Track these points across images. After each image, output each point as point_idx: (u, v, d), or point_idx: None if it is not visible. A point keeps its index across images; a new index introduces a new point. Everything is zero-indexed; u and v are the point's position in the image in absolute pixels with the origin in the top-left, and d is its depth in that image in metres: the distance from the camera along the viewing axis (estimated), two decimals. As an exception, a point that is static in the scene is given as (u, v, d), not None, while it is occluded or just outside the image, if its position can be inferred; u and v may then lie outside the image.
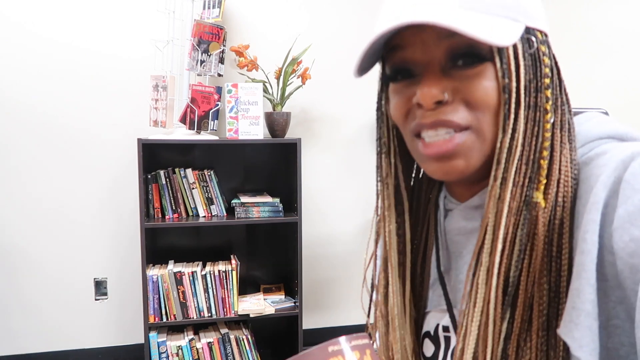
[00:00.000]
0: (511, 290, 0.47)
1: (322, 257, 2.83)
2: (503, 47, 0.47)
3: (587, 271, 0.43)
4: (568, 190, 0.48)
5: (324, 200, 2.79)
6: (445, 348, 0.58)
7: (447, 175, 0.51)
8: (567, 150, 0.49)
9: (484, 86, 0.48)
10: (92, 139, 2.51)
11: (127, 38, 2.51)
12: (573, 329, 0.43)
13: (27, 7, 2.40)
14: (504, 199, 0.48)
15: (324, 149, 2.78)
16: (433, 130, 0.49)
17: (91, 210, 2.54)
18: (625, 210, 0.42)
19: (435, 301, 0.60)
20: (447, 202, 0.61)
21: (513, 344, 0.47)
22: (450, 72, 0.49)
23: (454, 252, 0.59)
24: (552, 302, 0.46)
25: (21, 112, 2.44)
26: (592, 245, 0.43)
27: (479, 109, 0.48)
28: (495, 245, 0.48)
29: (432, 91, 0.48)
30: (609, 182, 0.44)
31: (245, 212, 2.38)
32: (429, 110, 0.49)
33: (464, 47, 0.48)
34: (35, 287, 2.51)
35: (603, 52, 2.96)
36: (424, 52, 0.49)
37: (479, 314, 0.49)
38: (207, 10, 2.40)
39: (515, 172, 0.48)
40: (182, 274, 2.30)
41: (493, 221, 0.49)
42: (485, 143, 0.49)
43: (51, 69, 2.45)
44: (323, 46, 2.70)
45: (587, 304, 0.42)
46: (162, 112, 2.30)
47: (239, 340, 2.42)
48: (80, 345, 2.58)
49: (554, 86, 0.51)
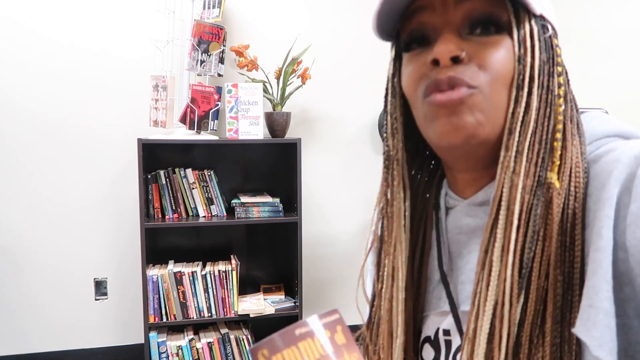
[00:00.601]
0: (525, 272, 0.46)
1: (322, 257, 2.83)
2: (533, 10, 0.47)
3: (603, 268, 0.42)
4: (580, 181, 0.47)
5: (324, 200, 2.79)
6: (446, 352, 0.56)
7: (457, 131, 0.48)
8: (577, 142, 0.49)
9: (499, 54, 0.48)
10: (92, 139, 2.51)
11: (127, 38, 2.51)
12: (591, 328, 0.41)
13: (28, 7, 2.40)
14: (518, 172, 0.47)
15: (324, 149, 2.78)
16: (447, 85, 0.48)
17: (91, 210, 2.54)
18: (638, 207, 0.41)
19: (435, 304, 0.58)
20: (449, 199, 0.59)
21: (526, 332, 0.45)
22: (467, 37, 0.49)
23: (454, 252, 0.57)
24: (566, 294, 0.45)
25: (21, 112, 2.44)
26: (607, 242, 0.42)
27: (493, 74, 0.48)
28: (510, 220, 0.46)
29: (449, 46, 0.47)
30: (621, 177, 0.44)
31: (245, 212, 2.38)
32: (445, 67, 0.48)
33: (483, 14, 0.48)
34: (36, 287, 2.52)
35: (603, 52, 2.96)
36: (442, 15, 0.49)
37: (493, 292, 0.47)
38: (207, 10, 2.40)
39: (528, 148, 0.47)
40: (182, 274, 2.30)
41: (507, 195, 0.47)
42: (492, 108, 0.48)
43: (51, 68, 2.45)
44: (323, 46, 2.70)
45: (605, 302, 0.41)
46: (162, 112, 2.30)
47: (239, 340, 2.42)
48: (80, 345, 2.58)
49: (565, 80, 0.51)
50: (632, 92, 2.96)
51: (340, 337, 0.37)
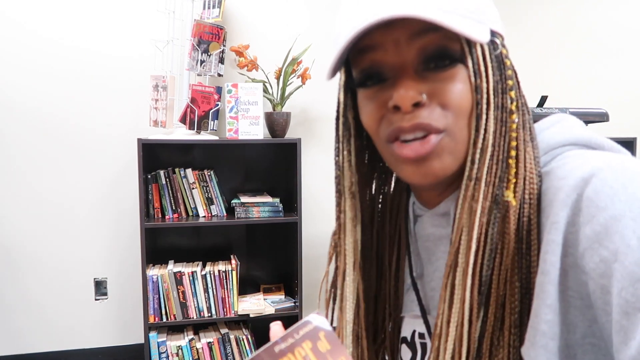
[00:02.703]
0: (484, 289, 0.48)
1: (322, 257, 2.82)
2: (481, 42, 0.46)
3: (544, 292, 0.43)
4: (534, 187, 0.48)
5: (324, 200, 2.79)
6: (422, 354, 0.59)
7: (425, 177, 0.50)
8: (530, 148, 0.50)
9: (458, 89, 0.48)
10: (92, 139, 2.51)
11: (127, 38, 2.51)
12: (529, 347, 0.44)
13: (28, 6, 2.40)
14: (477, 198, 0.48)
15: (324, 149, 2.78)
16: (411, 133, 0.48)
17: (91, 210, 2.54)
18: (592, 230, 0.42)
19: (409, 307, 0.61)
20: (416, 208, 0.61)
21: (487, 342, 0.47)
22: (423, 75, 0.48)
23: (424, 259, 0.60)
24: (524, 298, 0.46)
25: (21, 111, 2.44)
26: (550, 266, 0.43)
27: (454, 112, 0.48)
28: (469, 245, 0.48)
29: (409, 93, 0.47)
30: (569, 200, 0.44)
31: (245, 212, 2.38)
32: (407, 114, 0.48)
33: (436, 48, 0.47)
34: (35, 287, 2.52)
35: (603, 52, 2.96)
36: (396, 53, 0.48)
37: (455, 315, 0.49)
38: (207, 10, 2.40)
39: (487, 172, 0.48)
40: (182, 274, 2.30)
41: (467, 221, 0.48)
42: (458, 145, 0.49)
43: (51, 68, 2.45)
44: (323, 46, 2.70)
45: (542, 324, 0.43)
46: (162, 112, 2.30)
47: (239, 340, 2.42)
48: (80, 345, 2.58)
49: (516, 88, 0.51)
50: (632, 92, 2.96)
51: (324, 344, 0.37)
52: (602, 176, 0.43)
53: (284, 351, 0.36)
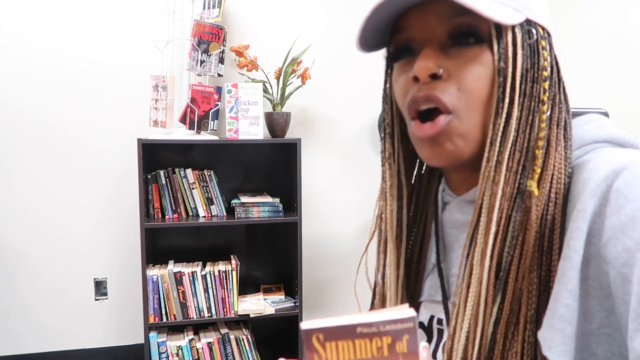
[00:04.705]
0: (502, 275, 0.48)
1: (322, 257, 2.83)
2: (505, 25, 0.48)
3: (566, 276, 0.44)
4: (561, 187, 0.48)
5: (324, 200, 2.79)
6: (438, 340, 0.59)
7: (439, 158, 0.51)
8: (562, 148, 0.50)
9: (477, 72, 0.49)
10: (92, 139, 2.51)
11: (127, 38, 2.51)
12: (546, 330, 0.44)
13: (28, 6, 2.40)
14: (498, 181, 0.49)
15: (324, 149, 2.78)
16: (424, 104, 0.50)
17: (91, 211, 2.54)
18: (618, 219, 0.42)
19: (428, 292, 0.61)
20: (445, 195, 0.62)
21: (502, 330, 0.48)
22: (448, 51, 0.50)
23: (448, 245, 0.60)
24: (542, 295, 0.47)
25: (21, 111, 2.44)
26: (574, 252, 0.44)
27: (468, 95, 0.49)
28: (489, 226, 0.49)
29: (427, 64, 0.49)
30: (598, 190, 0.44)
31: (245, 212, 2.38)
32: (424, 84, 0.50)
33: (464, 26, 0.49)
34: (35, 287, 2.51)
35: (603, 52, 2.96)
36: (425, 30, 0.51)
37: (473, 294, 0.49)
38: (207, 10, 2.40)
39: (508, 157, 0.49)
40: (182, 274, 2.30)
41: (488, 203, 0.49)
42: (471, 129, 0.50)
43: (51, 68, 2.45)
44: (323, 46, 2.70)
45: (561, 307, 0.44)
46: (162, 112, 2.30)
47: (239, 340, 2.41)
48: (80, 346, 2.58)
49: (552, 82, 0.51)
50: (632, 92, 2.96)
51: (402, 346, 0.37)
52: (634, 170, 0.43)
53: (363, 335, 0.36)
